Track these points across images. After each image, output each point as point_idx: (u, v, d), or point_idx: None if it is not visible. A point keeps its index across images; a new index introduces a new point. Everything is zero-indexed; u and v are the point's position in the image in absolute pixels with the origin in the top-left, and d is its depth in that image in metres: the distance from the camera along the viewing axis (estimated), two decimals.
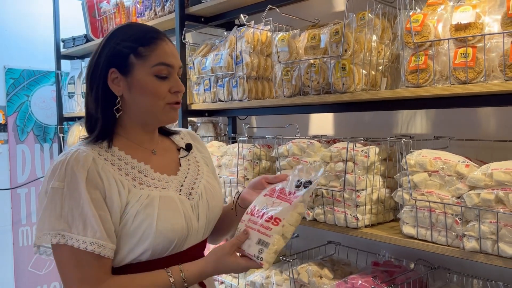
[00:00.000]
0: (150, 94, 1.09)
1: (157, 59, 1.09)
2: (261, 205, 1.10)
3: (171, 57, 1.11)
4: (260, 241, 1.03)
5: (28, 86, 3.30)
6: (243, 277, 1.92)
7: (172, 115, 1.14)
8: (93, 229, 0.99)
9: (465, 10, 1.21)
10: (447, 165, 1.24)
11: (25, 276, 3.25)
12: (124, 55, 1.08)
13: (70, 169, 1.01)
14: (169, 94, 1.11)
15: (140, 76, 1.08)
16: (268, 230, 1.03)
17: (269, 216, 1.05)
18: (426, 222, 1.27)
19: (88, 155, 1.05)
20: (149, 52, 1.08)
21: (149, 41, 1.09)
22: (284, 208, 1.05)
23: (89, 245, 0.98)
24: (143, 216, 1.04)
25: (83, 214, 0.99)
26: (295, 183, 1.10)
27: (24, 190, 3.26)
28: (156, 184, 1.11)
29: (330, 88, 1.50)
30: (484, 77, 1.17)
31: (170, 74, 1.11)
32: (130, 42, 1.08)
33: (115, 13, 2.69)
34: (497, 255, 1.13)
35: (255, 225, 1.05)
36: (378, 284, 1.43)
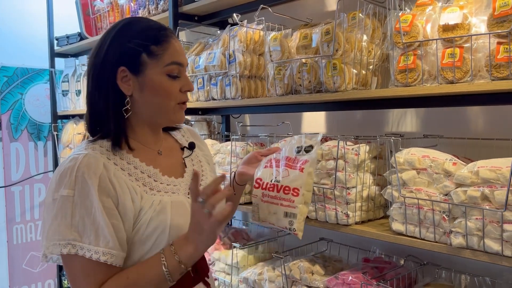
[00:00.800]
0: (163, 94, 1.07)
1: (170, 58, 1.06)
2: (268, 177, 1.14)
3: (182, 56, 1.10)
4: (287, 214, 1.10)
5: (22, 84, 3.29)
6: (236, 273, 1.94)
7: (181, 115, 1.13)
8: (105, 239, 0.96)
9: (452, 11, 1.23)
10: (435, 163, 1.27)
11: (20, 274, 3.25)
12: (135, 53, 1.04)
13: (81, 176, 0.97)
14: (180, 93, 1.10)
15: (152, 75, 1.05)
16: (291, 202, 1.10)
17: (286, 188, 1.11)
18: (415, 219, 1.30)
19: (99, 160, 1.00)
20: (162, 51, 1.05)
21: (161, 39, 1.06)
22: (296, 176, 1.11)
23: (101, 256, 0.95)
24: (157, 223, 1.02)
25: (95, 223, 0.96)
26: (295, 149, 1.15)
27: (18, 188, 3.26)
28: (166, 188, 1.09)
29: (321, 87, 1.52)
30: (470, 76, 1.20)
31: (180, 73, 1.10)
32: (141, 40, 1.04)
33: (109, 11, 2.70)
34: (483, 251, 1.16)
35: (276, 199, 1.11)
36: (368, 280, 1.46)
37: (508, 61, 1.11)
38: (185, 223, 1.03)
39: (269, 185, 1.13)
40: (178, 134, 1.29)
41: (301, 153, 1.13)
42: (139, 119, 1.11)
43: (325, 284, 1.58)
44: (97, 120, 1.09)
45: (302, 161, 1.12)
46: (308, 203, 1.14)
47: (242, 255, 1.97)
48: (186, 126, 1.36)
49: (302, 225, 1.12)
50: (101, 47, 1.07)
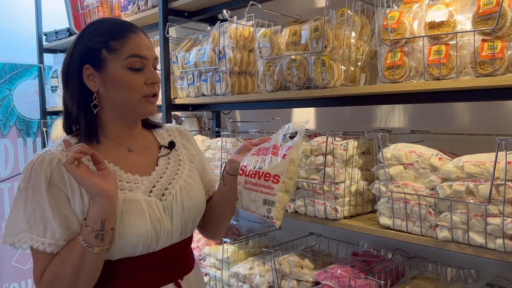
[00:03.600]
0: (125, 87, 1.09)
1: (129, 51, 1.08)
2: (253, 163, 1.11)
3: (144, 49, 1.10)
4: (266, 201, 1.07)
5: (10, 79, 3.26)
6: (227, 268, 1.96)
7: (149, 108, 1.13)
8: (52, 231, 1.01)
9: (438, 9, 1.25)
10: (422, 158, 1.29)
11: (9, 270, 3.24)
12: (96, 50, 1.08)
13: (34, 171, 1.03)
14: (145, 86, 1.11)
15: (113, 70, 1.08)
16: (270, 190, 1.06)
17: (267, 174, 1.07)
18: (402, 213, 1.32)
19: (54, 157, 1.05)
20: (121, 45, 1.08)
21: (120, 34, 1.09)
22: (278, 163, 1.07)
23: (47, 247, 1.01)
24: None
25: (44, 216, 1.02)
26: (281, 137, 1.12)
27: (7, 185, 3.24)
28: (123, 186, 1.09)
29: (310, 84, 1.54)
30: (456, 73, 1.22)
31: (144, 66, 1.10)
32: (101, 37, 1.08)
33: (98, 6, 2.68)
34: (467, 244, 1.19)
35: (256, 186, 1.08)
36: (357, 273, 1.48)
37: (492, 58, 1.14)
38: (136, 221, 1.05)
39: (251, 172, 1.10)
40: (163, 133, 1.28)
41: (286, 139, 1.10)
42: (109, 115, 1.13)
43: (315, 278, 1.60)
44: (71, 118, 1.14)
45: (286, 147, 1.08)
46: (290, 192, 1.10)
47: (232, 250, 1.98)
48: (177, 126, 1.35)
49: (281, 214, 1.08)
50: (69, 48, 1.12)
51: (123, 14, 2.44)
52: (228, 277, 1.92)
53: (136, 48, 1.09)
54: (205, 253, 2.09)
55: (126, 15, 2.41)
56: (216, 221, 1.30)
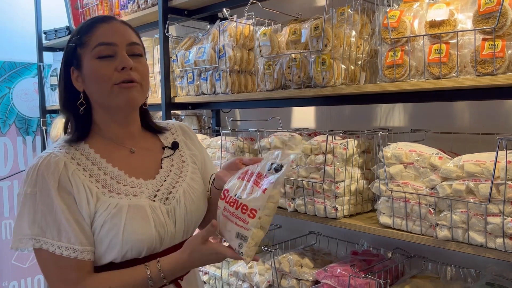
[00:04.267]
0: (95, 78, 1.06)
1: (96, 40, 1.06)
2: (235, 190, 1.05)
3: (112, 36, 1.07)
4: (239, 235, 1.01)
5: (10, 78, 3.25)
6: (226, 267, 1.96)
7: (125, 96, 1.07)
8: (67, 235, 1.00)
9: (439, 8, 1.25)
10: (422, 157, 1.29)
11: (9, 269, 3.24)
12: (73, 50, 1.09)
13: (41, 175, 1.01)
14: (116, 73, 1.05)
15: (86, 63, 1.07)
16: (245, 224, 1.00)
17: (244, 206, 1.01)
18: (402, 212, 1.32)
19: (60, 160, 1.03)
20: (89, 37, 1.06)
21: (89, 27, 1.08)
22: (257, 197, 1.01)
23: (64, 250, 0.99)
24: (110, 225, 1.02)
25: (57, 220, 1.00)
26: (268, 166, 1.04)
27: (6, 183, 3.23)
28: (127, 191, 1.08)
29: (311, 82, 1.54)
30: (456, 72, 1.22)
31: (115, 53, 1.06)
32: (76, 36, 1.09)
33: (97, 5, 2.68)
34: (467, 243, 1.19)
35: (233, 217, 1.03)
36: (356, 272, 1.48)
37: (492, 57, 1.13)
38: (141, 227, 1.04)
39: (231, 200, 1.04)
40: (166, 133, 1.26)
41: (271, 170, 1.03)
42: (99, 114, 1.12)
43: (314, 276, 1.60)
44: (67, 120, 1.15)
45: (268, 181, 1.01)
46: (265, 228, 1.03)
47: None
48: (180, 123, 1.32)
49: (253, 250, 1.01)
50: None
51: (123, 13, 2.44)
52: (228, 275, 1.92)
53: (103, 36, 1.06)
54: None
55: (126, 13, 2.41)
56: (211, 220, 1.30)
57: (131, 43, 1.09)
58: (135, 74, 1.08)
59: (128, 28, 1.12)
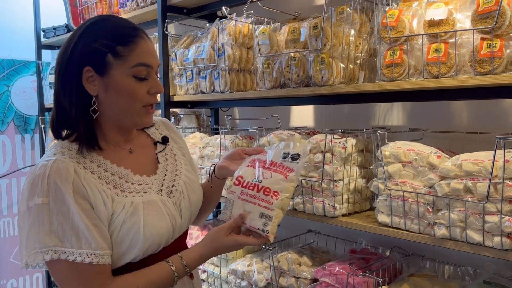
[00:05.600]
0: (128, 96, 1.05)
1: (136, 59, 1.04)
2: (250, 176, 1.13)
3: (151, 57, 1.07)
4: (263, 215, 1.08)
5: (8, 76, 3.25)
6: (225, 265, 1.96)
7: (147, 120, 1.11)
8: (87, 241, 0.97)
9: (438, 7, 1.25)
10: (420, 156, 1.30)
11: (7, 267, 3.23)
12: (101, 54, 1.02)
13: (53, 183, 0.97)
14: (147, 95, 1.07)
15: (118, 76, 1.03)
16: (269, 204, 1.08)
17: (267, 189, 1.09)
18: (400, 210, 1.33)
19: (69, 165, 1.00)
20: (128, 52, 1.03)
21: (128, 39, 1.03)
22: (279, 180, 1.10)
23: (86, 257, 0.96)
24: (130, 224, 1.02)
25: (75, 227, 0.97)
26: (281, 155, 1.14)
27: (5, 181, 3.23)
28: (137, 189, 1.09)
29: (309, 81, 1.54)
30: (455, 71, 1.22)
31: (149, 75, 1.07)
32: (107, 40, 1.02)
33: (96, 3, 2.67)
34: (465, 242, 1.19)
35: (254, 199, 1.09)
36: (355, 270, 1.49)
37: (490, 57, 1.14)
38: (159, 221, 1.07)
39: (249, 184, 1.11)
40: (152, 128, 1.27)
41: (287, 159, 1.12)
42: (107, 120, 1.10)
43: (313, 275, 1.60)
44: (63, 120, 1.08)
45: (288, 168, 1.11)
46: (284, 210, 1.11)
47: None
48: (160, 118, 1.34)
49: (276, 228, 1.09)
50: (67, 46, 1.04)
51: (122, 11, 2.43)
52: (226, 274, 1.92)
53: (143, 57, 1.05)
54: None
55: (124, 11, 2.41)
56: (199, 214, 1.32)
57: (159, 65, 1.12)
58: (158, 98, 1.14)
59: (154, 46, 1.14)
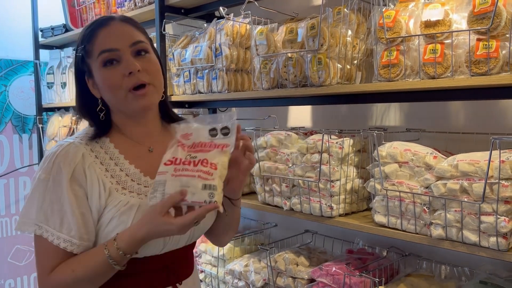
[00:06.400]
0: (106, 87, 1.05)
1: (98, 48, 1.04)
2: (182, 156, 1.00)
3: (113, 40, 1.04)
4: (206, 186, 0.96)
5: (6, 76, 3.24)
6: (222, 265, 1.97)
7: (140, 103, 1.05)
8: (68, 227, 1.00)
9: (434, 8, 1.25)
10: (417, 156, 1.30)
11: (5, 267, 3.23)
12: (81, 60, 1.07)
13: (57, 163, 1.01)
14: (125, 79, 1.03)
15: (95, 72, 1.06)
16: (209, 175, 0.97)
17: (204, 160, 0.98)
18: (396, 211, 1.33)
19: (79, 150, 1.04)
20: (92, 46, 1.04)
21: (89, 35, 1.05)
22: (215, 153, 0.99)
23: (62, 242, 1.00)
24: (117, 222, 1.02)
25: (62, 210, 1.00)
26: (207, 133, 1.02)
27: (3, 181, 3.22)
28: (140, 190, 1.06)
29: (307, 81, 1.54)
30: (451, 72, 1.22)
31: (119, 58, 1.03)
32: (80, 46, 1.07)
33: (94, 3, 2.67)
34: (461, 242, 1.20)
35: (192, 172, 0.97)
36: (352, 270, 1.49)
37: (486, 57, 1.14)
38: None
39: (183, 161, 0.99)
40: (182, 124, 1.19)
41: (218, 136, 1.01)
42: (117, 115, 1.12)
43: (310, 275, 1.61)
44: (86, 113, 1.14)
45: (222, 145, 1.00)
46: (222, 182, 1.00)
47: (228, 247, 1.99)
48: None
49: (222, 198, 0.98)
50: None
51: (120, 11, 2.43)
52: (224, 274, 1.92)
53: (104, 43, 1.04)
54: (201, 250, 2.09)
55: (122, 11, 2.41)
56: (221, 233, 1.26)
57: (134, 43, 1.05)
58: (144, 76, 1.05)
59: (128, 25, 1.08)
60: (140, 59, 1.05)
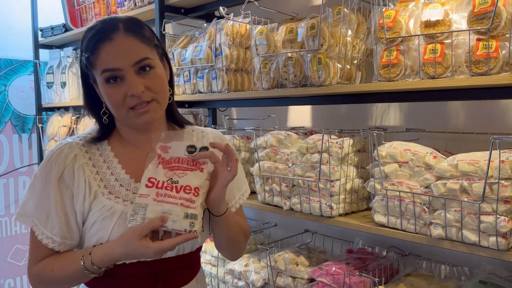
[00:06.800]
0: (109, 103, 1.05)
1: (101, 66, 1.01)
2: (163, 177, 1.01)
3: (115, 60, 1.00)
4: (188, 215, 0.97)
5: (6, 75, 3.24)
6: (222, 265, 1.97)
7: (142, 120, 1.04)
8: (52, 225, 1.04)
9: (434, 8, 1.25)
10: (416, 156, 1.30)
11: (4, 267, 3.23)
12: (85, 67, 1.06)
13: (50, 162, 1.05)
14: (128, 98, 1.02)
15: (99, 84, 1.05)
16: (192, 203, 0.98)
17: (187, 187, 0.99)
18: (396, 210, 1.33)
19: (73, 151, 1.06)
20: (95, 60, 1.01)
21: (93, 47, 1.01)
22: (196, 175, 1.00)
23: (44, 238, 1.04)
24: (99, 227, 1.03)
25: (49, 208, 1.04)
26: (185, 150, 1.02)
27: (2, 181, 3.22)
28: (127, 196, 1.05)
29: (307, 81, 1.54)
30: (451, 72, 1.23)
31: (123, 76, 1.01)
32: (84, 53, 1.04)
33: (94, 2, 2.67)
34: (461, 242, 1.20)
35: (174, 199, 0.98)
36: (351, 270, 1.49)
37: (486, 57, 1.14)
38: None
39: (166, 184, 0.99)
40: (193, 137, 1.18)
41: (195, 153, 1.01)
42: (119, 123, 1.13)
43: (310, 274, 1.61)
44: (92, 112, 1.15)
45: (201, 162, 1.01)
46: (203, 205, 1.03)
47: None
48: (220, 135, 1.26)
49: (201, 225, 1.00)
50: None
51: (120, 10, 2.43)
52: (224, 273, 1.92)
53: (106, 61, 1.01)
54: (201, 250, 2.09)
55: (122, 11, 2.41)
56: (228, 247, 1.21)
57: (137, 61, 1.02)
58: (147, 95, 1.03)
59: (133, 39, 1.02)
60: (144, 75, 1.03)
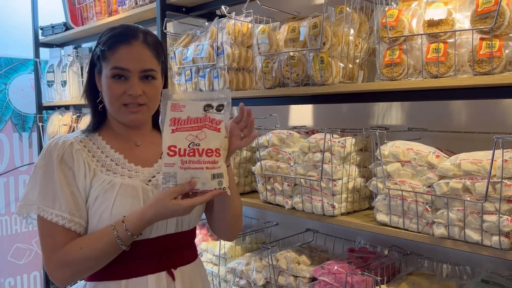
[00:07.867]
0: (107, 94, 1.17)
1: (114, 62, 1.15)
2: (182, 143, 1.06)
3: (129, 62, 1.15)
4: (215, 175, 1.06)
5: (6, 74, 3.24)
6: (223, 264, 1.97)
7: (130, 117, 1.18)
8: (59, 203, 1.11)
9: (437, 7, 1.25)
10: (419, 155, 1.30)
11: (5, 265, 3.23)
12: (97, 56, 1.20)
13: (49, 151, 1.15)
14: (125, 95, 1.16)
15: (103, 76, 1.18)
16: (215, 164, 1.06)
17: (209, 150, 1.06)
18: (399, 210, 1.33)
19: (68, 140, 1.17)
20: (110, 55, 1.15)
21: (112, 44, 1.16)
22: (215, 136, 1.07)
23: (54, 217, 1.10)
24: (102, 199, 1.12)
25: (54, 190, 1.12)
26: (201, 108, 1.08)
27: (2, 180, 3.22)
28: (124, 172, 1.17)
29: (309, 80, 1.54)
30: (454, 71, 1.22)
31: (128, 77, 1.15)
32: (100, 45, 1.18)
33: (95, 1, 2.66)
34: (463, 241, 1.20)
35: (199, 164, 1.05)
36: (353, 269, 1.49)
37: (490, 57, 1.14)
38: (131, 205, 1.12)
39: (187, 151, 1.05)
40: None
41: (212, 111, 1.08)
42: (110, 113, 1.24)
43: (311, 273, 1.61)
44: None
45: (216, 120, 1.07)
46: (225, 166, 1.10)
47: (229, 246, 1.99)
48: None
49: (228, 180, 1.08)
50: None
51: (121, 9, 2.43)
52: (225, 272, 1.92)
53: (120, 60, 1.15)
54: (202, 249, 2.09)
55: (123, 10, 2.40)
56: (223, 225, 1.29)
57: (145, 70, 1.16)
58: (143, 99, 1.17)
59: (148, 51, 1.17)
60: (145, 83, 1.17)
